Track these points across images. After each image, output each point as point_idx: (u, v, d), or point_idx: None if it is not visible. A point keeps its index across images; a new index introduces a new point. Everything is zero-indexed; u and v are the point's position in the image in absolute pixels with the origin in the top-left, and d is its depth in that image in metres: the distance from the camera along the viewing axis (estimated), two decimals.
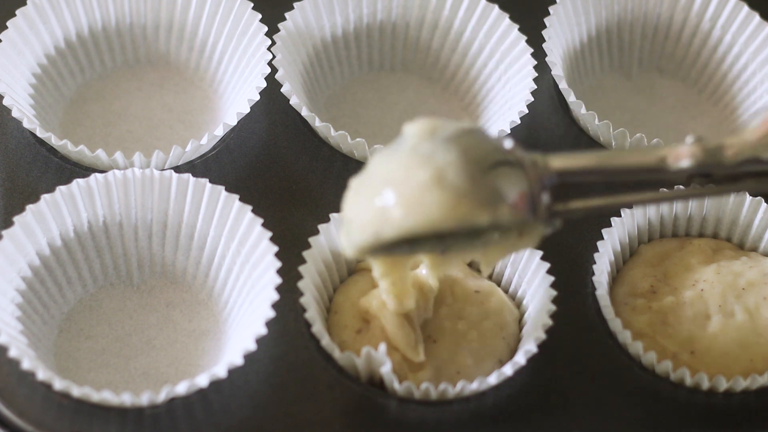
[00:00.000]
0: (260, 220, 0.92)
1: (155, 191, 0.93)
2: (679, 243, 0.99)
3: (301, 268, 0.91)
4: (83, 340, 0.92)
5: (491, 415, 0.90)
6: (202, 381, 0.85)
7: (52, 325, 0.92)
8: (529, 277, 0.94)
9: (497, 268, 0.97)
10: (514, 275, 0.95)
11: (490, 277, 0.97)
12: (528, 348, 0.89)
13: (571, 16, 1.08)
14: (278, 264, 0.89)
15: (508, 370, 0.88)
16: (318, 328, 0.89)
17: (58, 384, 0.84)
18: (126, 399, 0.84)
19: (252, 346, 0.85)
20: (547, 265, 0.93)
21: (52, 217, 0.91)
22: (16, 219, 0.90)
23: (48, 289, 0.91)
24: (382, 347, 0.87)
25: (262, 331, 0.86)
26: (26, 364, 0.84)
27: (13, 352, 0.84)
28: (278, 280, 0.88)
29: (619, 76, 1.14)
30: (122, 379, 0.90)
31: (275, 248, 0.90)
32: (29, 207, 0.90)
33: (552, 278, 0.92)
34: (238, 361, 0.85)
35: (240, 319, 0.90)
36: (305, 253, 0.92)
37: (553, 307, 0.91)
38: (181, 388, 0.85)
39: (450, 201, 0.76)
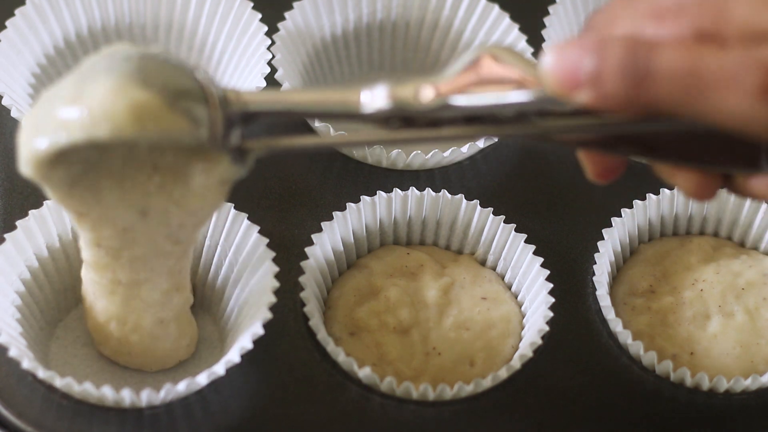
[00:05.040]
0: (257, 228, 0.91)
1: None
2: (679, 241, 0.99)
3: (303, 264, 0.92)
4: (79, 347, 0.92)
5: (491, 415, 0.90)
6: (202, 379, 0.85)
7: (48, 332, 0.91)
8: (528, 282, 0.94)
9: (498, 269, 0.97)
10: (515, 279, 0.95)
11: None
12: (523, 353, 0.89)
13: (571, 16, 1.08)
14: (276, 269, 0.89)
15: (503, 373, 0.88)
16: (314, 321, 0.89)
17: (59, 382, 0.84)
18: (126, 395, 0.84)
19: (249, 345, 0.86)
20: (546, 272, 0.93)
21: (53, 222, 0.91)
22: (18, 223, 0.90)
23: (45, 295, 0.91)
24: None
25: (260, 331, 0.86)
26: (26, 364, 0.84)
27: (13, 352, 0.84)
28: (276, 284, 0.88)
29: None
30: (119, 387, 0.89)
31: (272, 254, 0.90)
32: (32, 212, 0.90)
33: (551, 285, 0.92)
34: (236, 359, 0.85)
35: (240, 325, 0.90)
36: (308, 250, 0.92)
37: (550, 314, 0.90)
38: (181, 387, 0.84)
39: (137, 108, 0.70)
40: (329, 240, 0.94)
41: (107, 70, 0.72)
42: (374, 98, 0.71)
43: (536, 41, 1.04)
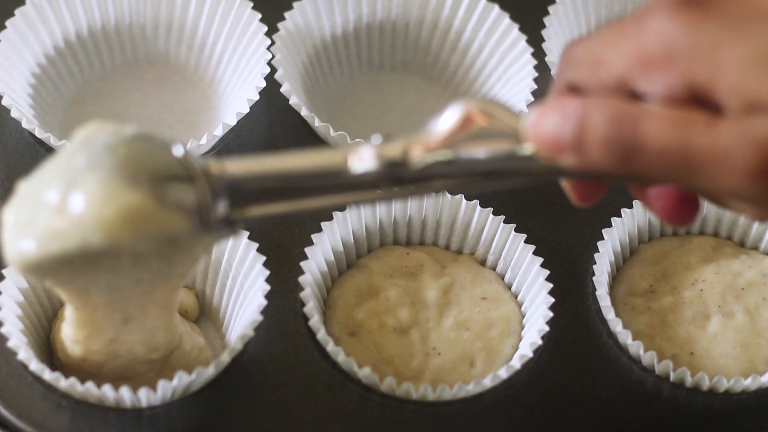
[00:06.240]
0: (246, 233, 0.91)
1: None
2: (678, 241, 0.99)
3: (303, 264, 0.92)
4: None
5: (491, 415, 0.90)
6: (193, 376, 0.85)
7: (47, 339, 0.91)
8: (528, 282, 0.94)
9: (498, 269, 0.97)
10: (515, 279, 0.95)
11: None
12: (523, 353, 0.89)
13: (571, 16, 1.08)
14: (266, 272, 0.89)
15: (503, 373, 0.88)
16: (314, 321, 0.89)
17: (63, 383, 0.84)
18: (125, 394, 0.84)
19: (239, 346, 0.86)
20: (546, 272, 0.93)
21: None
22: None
23: (42, 302, 0.91)
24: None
25: (249, 333, 0.86)
26: (34, 366, 0.84)
27: (22, 355, 0.84)
28: (267, 287, 0.88)
29: None
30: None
31: (263, 258, 0.90)
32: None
33: (551, 285, 0.92)
34: (227, 359, 0.86)
35: (238, 330, 0.90)
36: (308, 250, 0.92)
37: (550, 314, 0.90)
38: (175, 381, 0.84)
39: (130, 214, 0.69)
40: (329, 240, 0.94)
41: (91, 167, 0.71)
42: (362, 160, 0.69)
43: (536, 41, 1.04)
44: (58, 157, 0.74)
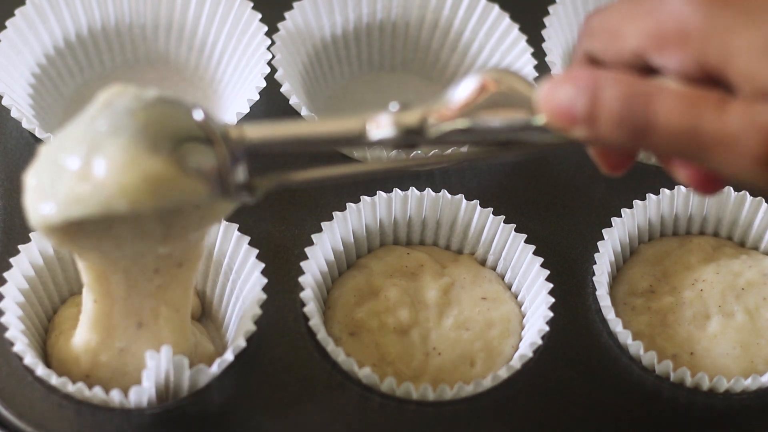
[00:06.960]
0: (247, 238, 0.91)
1: None
2: (679, 241, 0.99)
3: (303, 264, 0.92)
4: None
5: (491, 415, 0.90)
6: (192, 372, 0.85)
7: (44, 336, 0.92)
8: (528, 282, 0.94)
9: (498, 269, 0.97)
10: (515, 279, 0.95)
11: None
12: (523, 353, 0.89)
13: (571, 16, 1.08)
14: (264, 280, 0.89)
15: (503, 373, 0.88)
16: (315, 322, 0.89)
17: (71, 387, 0.84)
18: (132, 396, 0.84)
19: (242, 343, 0.86)
20: (546, 272, 0.93)
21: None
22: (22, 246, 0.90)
23: (40, 298, 0.91)
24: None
25: (251, 327, 0.86)
26: (40, 371, 0.84)
27: (28, 360, 0.84)
28: (263, 296, 0.88)
29: None
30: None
31: (261, 265, 0.90)
32: (32, 234, 0.90)
33: (551, 285, 0.92)
34: (230, 357, 0.86)
35: (236, 328, 0.90)
36: (308, 250, 0.92)
37: (550, 314, 0.90)
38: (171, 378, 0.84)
39: (151, 180, 0.70)
40: (329, 240, 0.94)
41: (113, 132, 0.71)
42: (379, 127, 0.71)
43: (536, 41, 1.04)
44: (79, 120, 0.74)
